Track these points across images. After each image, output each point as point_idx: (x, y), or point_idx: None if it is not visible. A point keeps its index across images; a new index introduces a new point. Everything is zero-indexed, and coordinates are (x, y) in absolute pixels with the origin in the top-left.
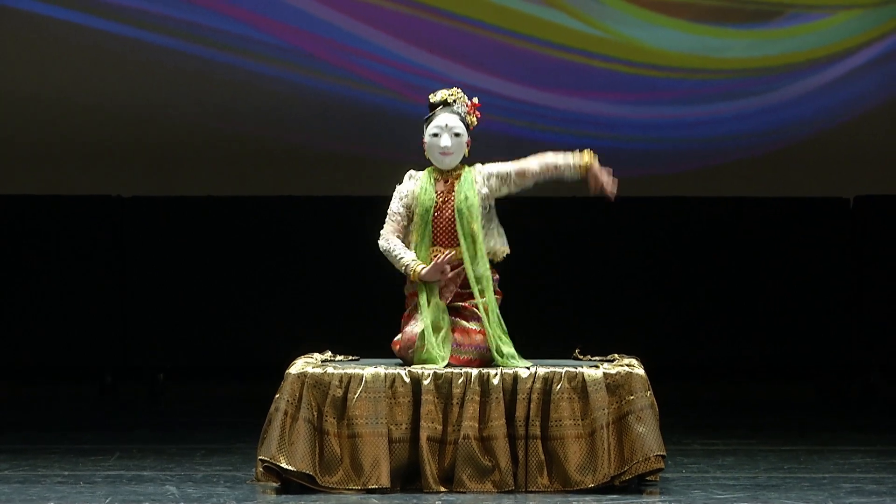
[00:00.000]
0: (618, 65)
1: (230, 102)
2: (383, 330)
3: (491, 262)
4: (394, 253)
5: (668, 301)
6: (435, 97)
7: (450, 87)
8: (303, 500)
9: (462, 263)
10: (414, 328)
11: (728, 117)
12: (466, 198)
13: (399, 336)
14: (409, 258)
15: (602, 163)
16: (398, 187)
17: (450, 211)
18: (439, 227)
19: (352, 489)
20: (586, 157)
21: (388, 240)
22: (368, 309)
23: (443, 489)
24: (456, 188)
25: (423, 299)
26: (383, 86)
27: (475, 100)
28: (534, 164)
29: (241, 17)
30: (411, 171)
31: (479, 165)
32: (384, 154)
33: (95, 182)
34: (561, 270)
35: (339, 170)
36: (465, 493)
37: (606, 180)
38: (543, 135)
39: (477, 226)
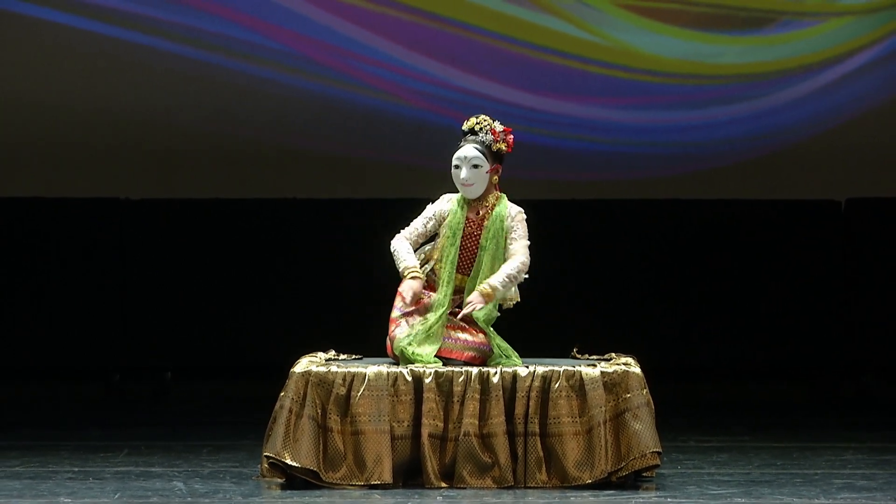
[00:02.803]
0: (614, 70)
1: (232, 106)
2: (384, 330)
3: (500, 307)
4: (398, 255)
5: (664, 302)
6: (466, 123)
7: (478, 114)
8: (307, 496)
9: (461, 291)
10: (402, 338)
11: (722, 122)
12: (494, 237)
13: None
14: (408, 263)
15: (598, 166)
16: (430, 205)
17: (474, 244)
18: (465, 254)
19: (355, 485)
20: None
21: (400, 241)
22: (369, 310)
23: (444, 485)
24: (486, 223)
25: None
26: (383, 90)
27: (500, 126)
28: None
29: (242, 22)
30: (448, 195)
31: (512, 209)
32: (384, 157)
33: (100, 185)
34: (560, 272)
35: (340, 172)
36: (465, 488)
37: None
38: (541, 139)
39: (498, 265)
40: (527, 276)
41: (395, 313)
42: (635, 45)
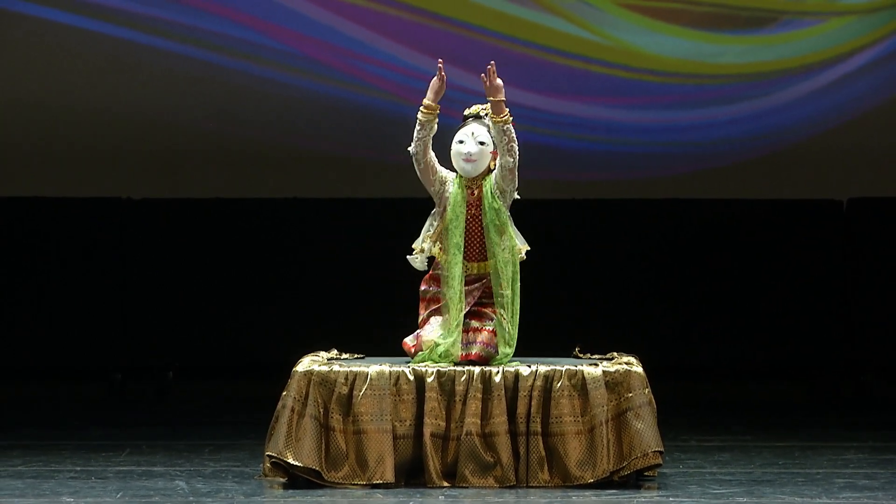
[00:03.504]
0: (616, 70)
1: (233, 106)
2: (385, 330)
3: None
4: (416, 128)
5: (664, 302)
6: (469, 110)
7: (484, 102)
8: (309, 495)
9: (481, 279)
10: (430, 335)
11: (723, 121)
12: (493, 209)
13: (412, 338)
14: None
15: (598, 166)
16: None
17: (479, 225)
18: (471, 240)
19: (357, 484)
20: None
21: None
22: (370, 309)
23: (446, 484)
24: (483, 202)
25: (453, 309)
26: (386, 90)
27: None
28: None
29: (245, 23)
30: (448, 171)
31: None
32: (386, 157)
33: (101, 184)
34: (560, 272)
35: (340, 172)
36: (467, 487)
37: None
38: (542, 138)
39: (508, 231)
40: (513, 158)
41: (422, 316)
42: (637, 44)
